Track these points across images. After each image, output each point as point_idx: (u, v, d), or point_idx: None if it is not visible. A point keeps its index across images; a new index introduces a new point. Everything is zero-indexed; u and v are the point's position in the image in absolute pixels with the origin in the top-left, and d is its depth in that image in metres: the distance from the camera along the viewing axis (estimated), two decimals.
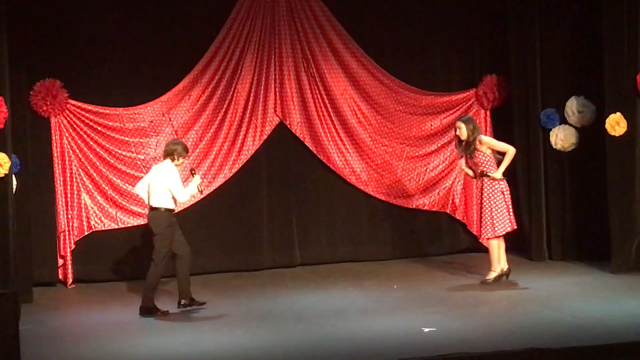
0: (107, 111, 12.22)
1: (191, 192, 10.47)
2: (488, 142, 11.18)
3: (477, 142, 11.09)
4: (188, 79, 12.38)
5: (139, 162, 12.31)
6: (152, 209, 10.44)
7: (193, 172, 10.72)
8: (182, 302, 10.45)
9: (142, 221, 12.27)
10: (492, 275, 11.14)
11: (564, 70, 12.49)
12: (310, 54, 12.66)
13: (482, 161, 11.12)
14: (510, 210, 11.16)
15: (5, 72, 10.73)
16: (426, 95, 13.05)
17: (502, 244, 11.15)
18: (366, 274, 12.01)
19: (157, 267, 10.40)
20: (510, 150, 11.13)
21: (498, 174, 11.04)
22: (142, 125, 12.32)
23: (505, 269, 11.16)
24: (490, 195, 11.07)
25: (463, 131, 11.12)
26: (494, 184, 11.07)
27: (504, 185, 11.13)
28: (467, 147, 11.16)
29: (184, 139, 12.34)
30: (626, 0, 11.46)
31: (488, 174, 11.06)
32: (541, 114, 12.52)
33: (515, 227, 11.32)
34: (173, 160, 10.42)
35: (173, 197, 10.33)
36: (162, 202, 10.34)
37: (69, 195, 12.11)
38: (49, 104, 11.93)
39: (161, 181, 10.33)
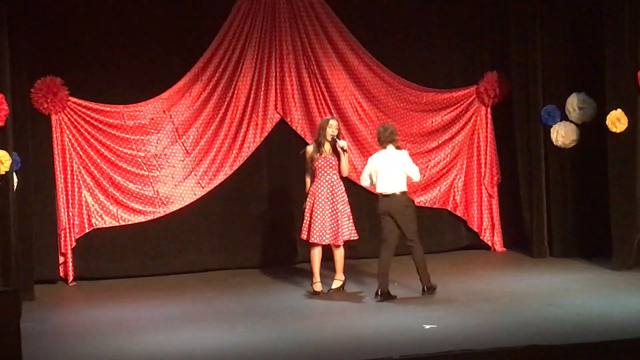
0: (108, 108, 12.22)
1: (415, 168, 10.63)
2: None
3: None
4: (189, 76, 12.39)
5: (139, 160, 12.31)
6: (386, 195, 10.46)
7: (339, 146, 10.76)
8: (426, 287, 10.56)
9: (142, 218, 12.31)
10: (338, 284, 10.98)
11: (565, 67, 12.49)
12: (311, 51, 12.66)
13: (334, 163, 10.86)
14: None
15: (6, 69, 10.73)
16: (427, 92, 13.06)
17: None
18: (367, 271, 12.00)
19: (419, 245, 10.54)
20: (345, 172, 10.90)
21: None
22: (142, 122, 12.33)
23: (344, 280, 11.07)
24: (344, 199, 10.86)
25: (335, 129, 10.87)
26: (343, 189, 10.86)
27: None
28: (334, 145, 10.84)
29: (184, 137, 12.40)
30: None
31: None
32: (542, 110, 12.52)
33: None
34: (395, 142, 10.58)
35: (408, 178, 10.50)
36: (399, 186, 10.43)
37: (69, 192, 12.11)
38: (50, 101, 11.94)
39: (397, 167, 10.45)
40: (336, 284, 11.00)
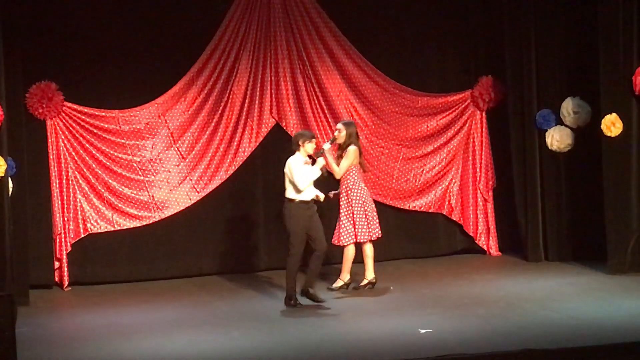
0: (103, 113, 12.22)
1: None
2: (348, 155, 10.98)
3: (345, 150, 11.01)
4: (184, 81, 12.39)
5: (134, 165, 12.31)
6: None
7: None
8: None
9: (137, 223, 12.29)
10: (339, 283, 11.21)
11: (560, 71, 12.50)
12: (306, 56, 12.67)
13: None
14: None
15: (1, 74, 10.72)
16: (422, 96, 13.07)
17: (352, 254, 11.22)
18: (363, 275, 12.00)
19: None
20: (335, 174, 11.09)
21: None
22: (137, 127, 12.32)
23: (349, 280, 11.23)
24: (353, 202, 11.05)
25: (342, 134, 11.02)
26: (352, 193, 11.03)
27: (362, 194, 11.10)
28: (339, 151, 11.10)
29: (179, 142, 12.40)
30: (621, 1, 11.48)
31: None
32: (537, 114, 12.53)
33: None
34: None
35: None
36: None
37: (65, 197, 12.11)
38: (45, 106, 11.93)
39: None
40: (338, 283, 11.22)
